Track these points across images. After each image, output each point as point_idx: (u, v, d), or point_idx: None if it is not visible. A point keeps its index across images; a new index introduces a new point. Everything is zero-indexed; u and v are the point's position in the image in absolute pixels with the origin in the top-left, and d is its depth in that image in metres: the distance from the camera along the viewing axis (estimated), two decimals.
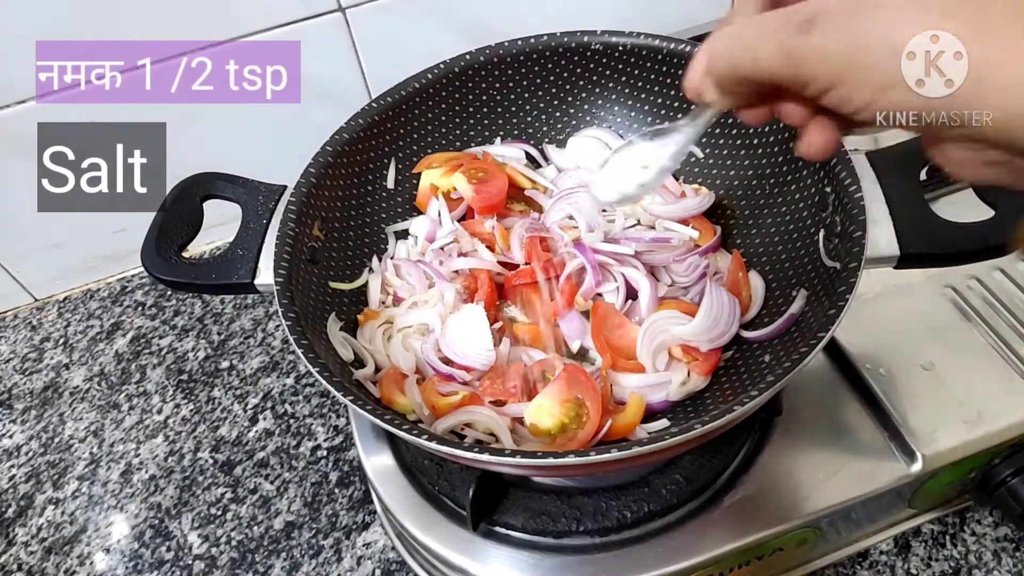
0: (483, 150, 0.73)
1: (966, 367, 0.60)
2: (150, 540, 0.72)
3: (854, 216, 0.49)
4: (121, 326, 0.92)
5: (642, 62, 0.69)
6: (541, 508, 0.56)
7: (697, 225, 0.66)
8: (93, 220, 0.91)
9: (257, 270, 0.55)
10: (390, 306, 0.65)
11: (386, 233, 0.70)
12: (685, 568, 0.54)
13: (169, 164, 0.85)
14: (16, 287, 0.95)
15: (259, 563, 0.69)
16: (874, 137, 0.76)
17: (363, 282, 0.65)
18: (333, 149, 0.63)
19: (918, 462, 0.56)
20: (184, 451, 0.78)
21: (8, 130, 0.81)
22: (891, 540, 0.64)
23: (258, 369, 0.85)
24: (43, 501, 0.76)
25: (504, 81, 0.72)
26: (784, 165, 0.61)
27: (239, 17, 0.80)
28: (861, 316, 0.63)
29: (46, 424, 0.83)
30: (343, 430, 0.78)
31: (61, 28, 0.75)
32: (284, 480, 0.74)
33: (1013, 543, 0.63)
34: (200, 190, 0.60)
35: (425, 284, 0.64)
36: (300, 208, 0.58)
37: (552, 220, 0.68)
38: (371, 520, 0.70)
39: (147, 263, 0.56)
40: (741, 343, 0.58)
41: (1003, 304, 0.63)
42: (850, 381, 0.61)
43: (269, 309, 0.91)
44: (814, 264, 0.56)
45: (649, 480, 0.57)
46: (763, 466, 0.58)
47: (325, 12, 0.83)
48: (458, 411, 0.54)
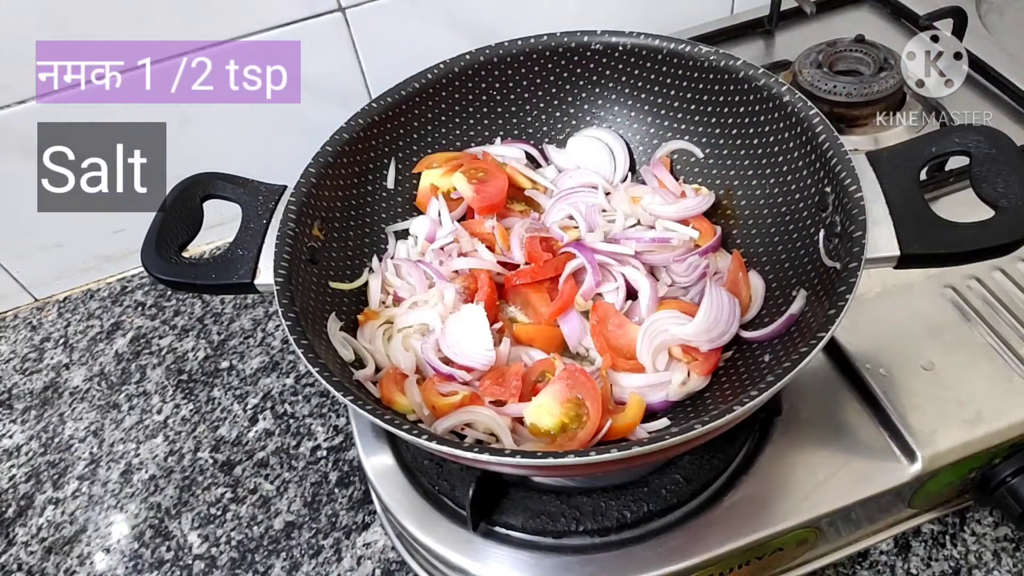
0: (483, 150, 0.73)
1: (966, 367, 0.60)
2: (150, 540, 0.72)
3: (854, 216, 0.49)
4: (121, 326, 0.92)
5: (642, 62, 0.69)
6: (541, 508, 0.56)
7: (697, 225, 0.66)
8: (93, 220, 0.92)
9: (257, 270, 0.55)
10: (390, 306, 0.65)
11: (386, 233, 0.70)
12: (685, 568, 0.54)
13: (169, 164, 0.85)
14: (16, 287, 0.95)
15: (259, 563, 0.69)
16: (874, 137, 0.76)
17: (363, 282, 0.65)
18: (333, 149, 0.63)
19: (918, 462, 0.56)
20: (184, 451, 0.78)
21: (8, 130, 0.81)
22: (891, 540, 0.64)
23: (258, 369, 0.85)
24: (43, 501, 0.76)
25: (504, 81, 0.72)
26: (784, 165, 0.61)
27: (239, 17, 0.80)
28: (861, 316, 0.63)
29: (46, 424, 0.83)
30: (343, 430, 0.78)
31: (61, 28, 0.75)
32: (284, 480, 0.74)
33: (1013, 543, 0.63)
34: (200, 190, 0.60)
35: (425, 284, 0.64)
36: (300, 208, 0.58)
37: (552, 220, 0.68)
38: (371, 520, 0.70)
39: (147, 263, 0.56)
40: (741, 343, 0.58)
41: (1003, 304, 0.63)
42: (850, 381, 0.61)
43: (269, 309, 0.91)
44: (814, 264, 0.56)
45: (649, 480, 0.57)
46: (763, 466, 0.58)
47: (325, 12, 0.83)
48: (458, 411, 0.54)
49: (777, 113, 0.60)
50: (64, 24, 0.75)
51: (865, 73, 0.78)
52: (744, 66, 0.62)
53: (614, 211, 0.68)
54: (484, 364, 0.58)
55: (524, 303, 0.64)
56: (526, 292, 0.63)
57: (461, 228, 0.67)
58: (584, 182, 0.71)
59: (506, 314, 0.64)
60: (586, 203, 0.68)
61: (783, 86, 0.60)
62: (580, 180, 0.71)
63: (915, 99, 0.79)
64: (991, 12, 0.91)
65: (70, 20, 0.75)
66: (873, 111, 0.76)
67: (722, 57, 0.63)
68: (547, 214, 0.69)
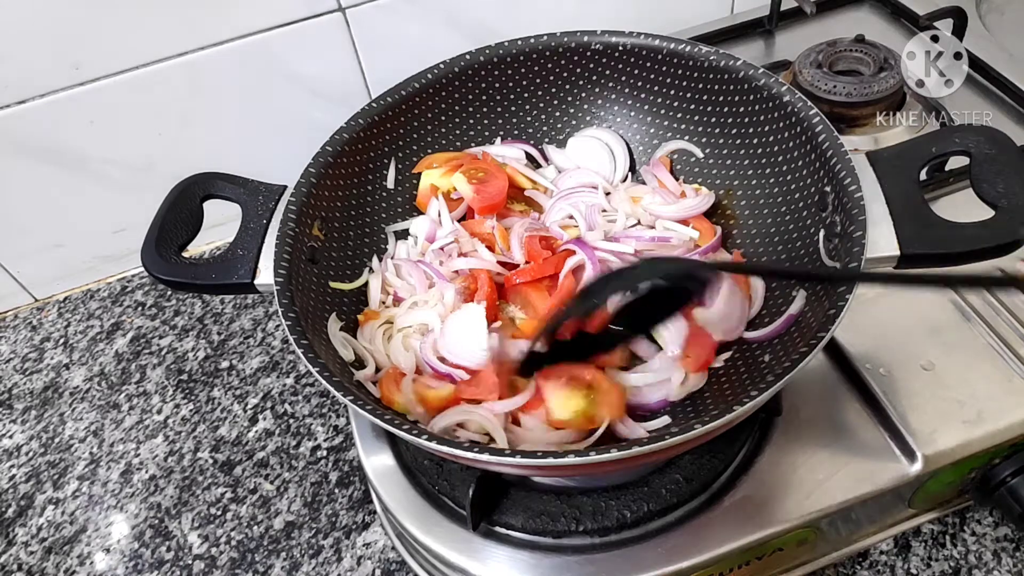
0: (483, 150, 0.73)
1: (966, 367, 0.60)
2: (150, 540, 0.72)
3: (854, 216, 0.49)
4: (121, 326, 0.92)
5: (642, 62, 0.69)
6: (541, 508, 0.56)
7: (697, 225, 0.66)
8: (93, 220, 0.92)
9: (257, 270, 0.55)
10: (390, 306, 0.65)
11: (386, 233, 0.70)
12: (685, 568, 0.54)
13: (169, 164, 0.85)
14: (16, 287, 0.95)
15: (259, 563, 0.69)
16: (874, 137, 0.76)
17: (363, 282, 0.65)
18: (333, 149, 0.63)
19: (918, 462, 0.56)
20: (184, 451, 0.78)
21: (8, 130, 0.81)
22: (891, 540, 0.64)
23: (258, 369, 0.85)
24: (43, 501, 0.76)
25: (504, 81, 0.72)
26: (784, 165, 0.61)
27: (239, 17, 0.80)
28: (861, 316, 0.63)
29: (46, 424, 0.83)
30: (343, 430, 0.78)
31: (61, 28, 0.75)
32: (284, 480, 0.74)
33: (1013, 543, 0.63)
34: (200, 190, 0.60)
35: (425, 284, 0.64)
36: (300, 208, 0.58)
37: (552, 220, 0.68)
38: (371, 520, 0.70)
39: (147, 263, 0.56)
40: (741, 343, 0.58)
41: (1003, 304, 0.63)
42: (850, 381, 0.61)
43: (269, 309, 0.91)
44: (814, 264, 0.56)
45: (649, 480, 0.57)
46: (763, 466, 0.58)
47: (325, 12, 0.83)
48: (453, 410, 0.54)
49: (777, 113, 0.60)
50: (64, 24, 0.75)
51: (865, 73, 0.78)
52: (744, 66, 0.62)
53: (614, 211, 0.68)
54: (476, 364, 0.58)
55: (524, 302, 0.64)
56: (526, 291, 0.63)
57: (461, 228, 0.67)
58: (584, 182, 0.71)
59: (506, 313, 0.64)
60: (586, 203, 0.68)
61: (783, 86, 0.60)
62: (580, 180, 0.71)
63: (915, 99, 0.79)
64: (991, 12, 0.91)
65: (70, 20, 0.75)
66: (873, 111, 0.76)
67: (722, 57, 0.63)
68: (547, 214, 0.69)
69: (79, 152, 0.85)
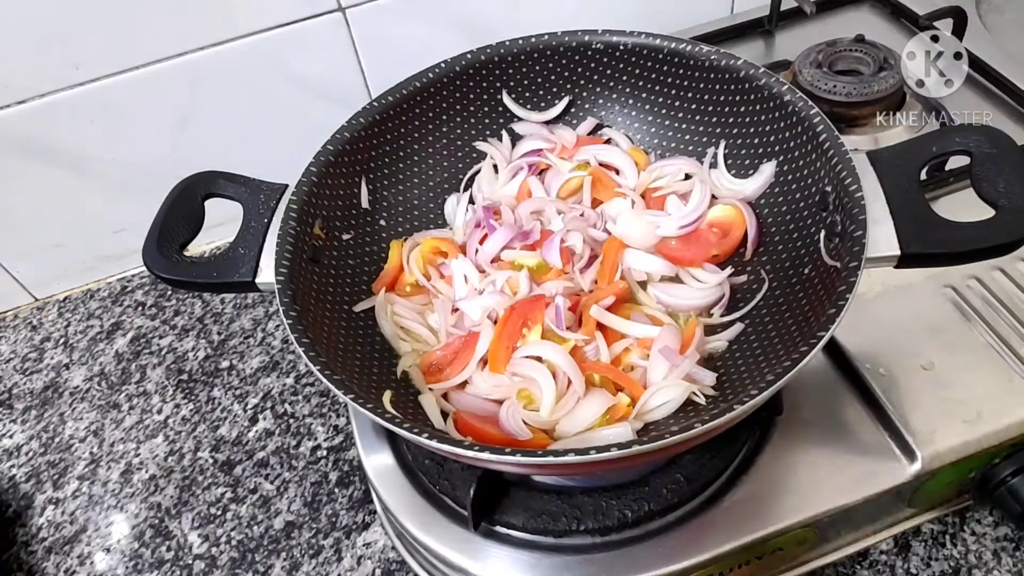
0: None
1: (966, 367, 0.60)
2: (150, 540, 0.72)
3: (854, 216, 0.49)
4: (121, 326, 0.92)
5: (643, 61, 0.69)
6: (541, 507, 0.56)
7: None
8: (93, 220, 0.92)
9: (258, 269, 0.55)
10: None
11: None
12: (685, 568, 0.54)
13: (169, 164, 0.85)
14: (16, 287, 0.95)
15: (259, 563, 0.69)
16: (874, 137, 0.76)
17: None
18: (334, 148, 0.63)
19: (918, 462, 0.56)
20: (184, 451, 0.78)
21: (8, 130, 0.81)
22: (891, 540, 0.64)
23: (258, 369, 0.85)
24: (43, 501, 0.76)
25: (505, 80, 0.72)
26: (785, 164, 0.61)
27: (239, 17, 0.80)
28: (861, 316, 0.63)
29: (46, 424, 0.83)
30: (343, 430, 0.78)
31: (61, 28, 0.75)
32: (284, 480, 0.74)
33: (1013, 543, 0.63)
34: (201, 189, 0.60)
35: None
36: (301, 207, 0.58)
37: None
38: (371, 520, 0.70)
39: (148, 262, 0.56)
40: (742, 342, 0.58)
41: (1003, 304, 0.63)
42: (850, 381, 0.61)
43: (269, 309, 0.91)
44: (814, 263, 0.56)
45: (649, 479, 0.57)
46: (763, 466, 0.58)
47: (325, 12, 0.83)
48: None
49: (778, 112, 0.60)
50: (64, 24, 0.75)
51: (865, 73, 0.78)
52: (745, 65, 0.62)
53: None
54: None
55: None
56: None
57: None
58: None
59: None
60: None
61: (783, 85, 0.60)
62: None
63: (915, 99, 0.79)
64: (991, 12, 0.91)
65: (70, 20, 0.75)
66: (873, 111, 0.76)
67: (723, 56, 0.63)
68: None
69: (79, 152, 0.85)
